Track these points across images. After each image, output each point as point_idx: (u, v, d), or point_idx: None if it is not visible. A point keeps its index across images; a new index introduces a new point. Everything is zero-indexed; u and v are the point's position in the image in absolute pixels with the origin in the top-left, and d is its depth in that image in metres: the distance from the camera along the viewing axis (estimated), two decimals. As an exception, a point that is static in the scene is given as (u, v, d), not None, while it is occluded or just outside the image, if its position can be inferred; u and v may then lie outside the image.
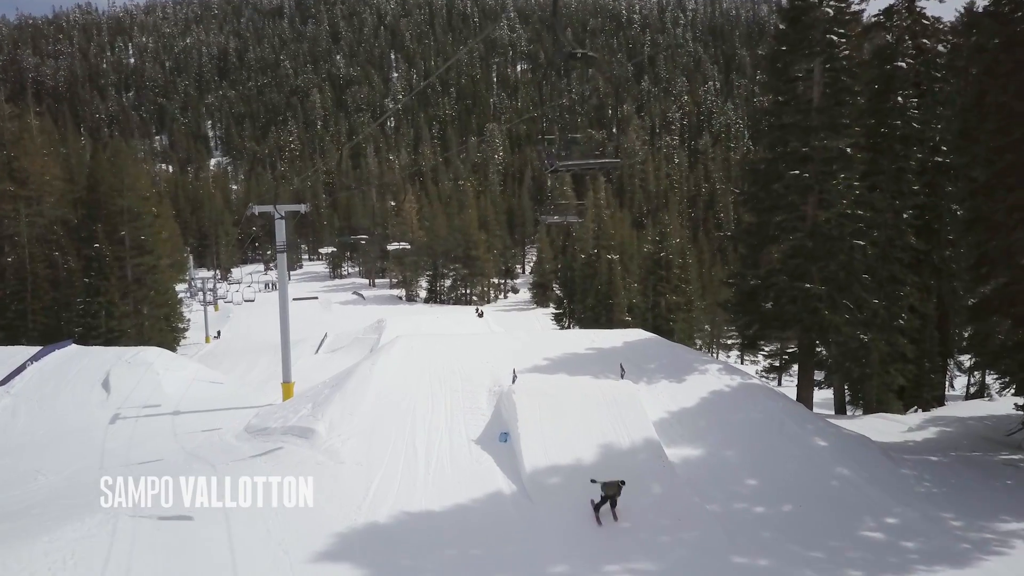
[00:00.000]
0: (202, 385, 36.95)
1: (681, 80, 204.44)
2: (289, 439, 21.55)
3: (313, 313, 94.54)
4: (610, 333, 30.00)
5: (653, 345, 27.87)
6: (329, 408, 22.42)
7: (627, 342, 28.01)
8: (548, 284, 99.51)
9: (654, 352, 26.79)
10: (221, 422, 29.31)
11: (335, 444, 20.35)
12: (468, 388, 23.31)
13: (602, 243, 75.39)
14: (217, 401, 34.27)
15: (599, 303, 67.86)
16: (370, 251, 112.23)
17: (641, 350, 26.90)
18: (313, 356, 68.41)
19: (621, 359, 24.63)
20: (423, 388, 23.32)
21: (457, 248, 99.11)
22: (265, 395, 38.18)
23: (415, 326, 69.80)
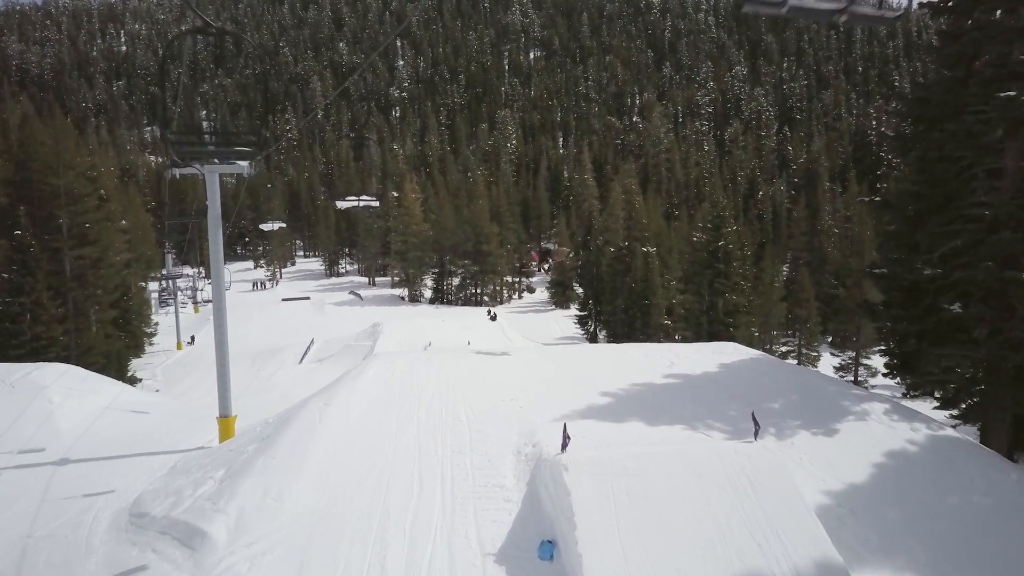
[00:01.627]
0: (118, 416, 27.78)
1: (706, 66, 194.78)
2: (164, 548, 12.44)
3: (303, 315, 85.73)
4: (691, 349, 20.79)
5: (767, 369, 18.61)
6: (243, 485, 13.32)
7: (724, 364, 18.79)
8: (568, 282, 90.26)
9: (772, 381, 17.56)
10: (123, 478, 20.16)
11: (237, 568, 11.26)
12: (482, 447, 14.21)
13: (634, 234, 66.14)
14: (132, 441, 25.10)
15: (633, 304, 58.64)
16: (369, 246, 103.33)
17: (751, 378, 17.67)
18: (296, 366, 59.46)
19: (724, 393, 15.52)
20: (406, 447, 14.28)
21: (466, 242, 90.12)
22: (210, 425, 28.72)
23: (415, 331, 60.71)
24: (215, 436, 24.12)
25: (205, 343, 73.82)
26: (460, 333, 59.59)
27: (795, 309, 63.67)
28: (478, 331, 60.78)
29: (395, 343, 59.25)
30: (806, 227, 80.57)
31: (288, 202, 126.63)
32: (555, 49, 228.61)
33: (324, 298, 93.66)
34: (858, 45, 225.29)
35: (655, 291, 57.73)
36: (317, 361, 59.80)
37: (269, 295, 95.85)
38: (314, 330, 78.20)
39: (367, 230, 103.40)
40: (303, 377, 58.08)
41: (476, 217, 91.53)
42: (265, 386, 56.50)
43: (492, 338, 59.85)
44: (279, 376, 58.04)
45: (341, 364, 59.08)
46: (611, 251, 66.93)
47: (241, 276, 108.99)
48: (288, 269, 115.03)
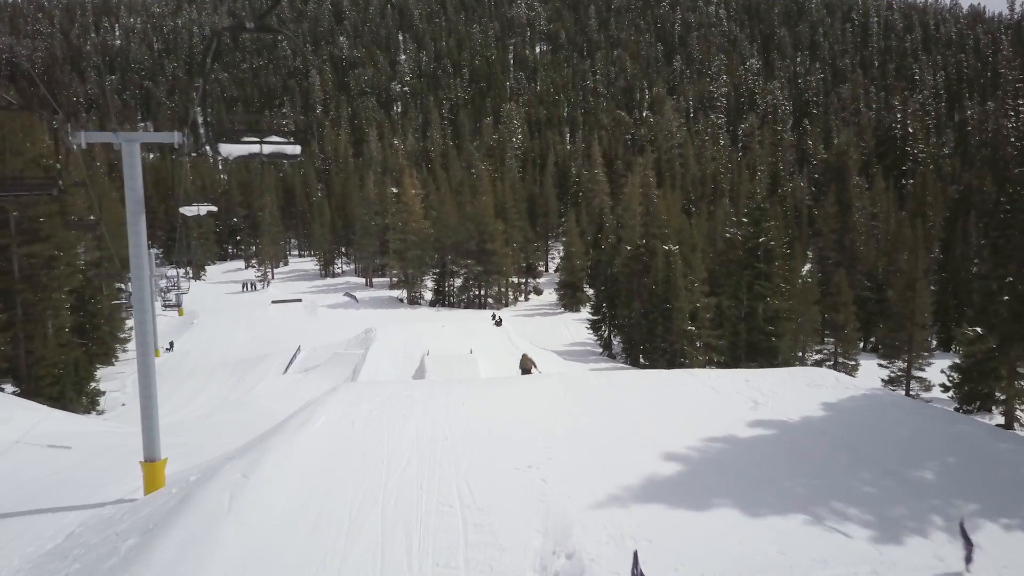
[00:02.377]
0: (28, 454, 22.43)
1: (718, 59, 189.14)
2: None
3: (294, 319, 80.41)
4: (775, 379, 15.28)
5: (890, 411, 13.07)
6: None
7: (827, 404, 13.33)
8: (579, 284, 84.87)
9: (907, 432, 12.07)
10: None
11: None
12: (484, 557, 8.76)
13: (653, 231, 60.68)
14: (36, 489, 19.68)
15: (653, 308, 53.20)
16: (365, 244, 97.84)
17: (872, 425, 12.19)
18: (280, 377, 54.12)
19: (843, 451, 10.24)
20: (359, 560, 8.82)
21: (469, 241, 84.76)
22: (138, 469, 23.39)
23: (412, 338, 55.27)
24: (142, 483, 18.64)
25: (185, 349, 68.54)
26: (461, 340, 54.21)
27: (830, 313, 58.21)
28: (481, 337, 55.39)
29: (389, 351, 53.91)
30: (835, 224, 75.00)
31: (282, 198, 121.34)
32: (562, 43, 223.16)
33: (317, 300, 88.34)
34: (874, 39, 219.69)
35: (678, 294, 52.29)
36: (303, 371, 54.51)
37: (259, 297, 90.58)
38: (305, 335, 72.94)
39: (364, 228, 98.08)
40: (286, 389, 52.78)
41: (480, 214, 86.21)
42: (244, 399, 51.22)
43: (497, 345, 54.45)
44: (261, 388, 52.80)
45: (329, 375, 53.72)
46: (627, 250, 61.53)
47: (231, 276, 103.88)
48: (281, 269, 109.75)
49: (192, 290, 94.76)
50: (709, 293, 56.26)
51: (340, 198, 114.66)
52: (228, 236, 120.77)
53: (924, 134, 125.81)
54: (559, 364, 56.78)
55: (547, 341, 70.20)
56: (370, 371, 50.07)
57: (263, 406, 48.44)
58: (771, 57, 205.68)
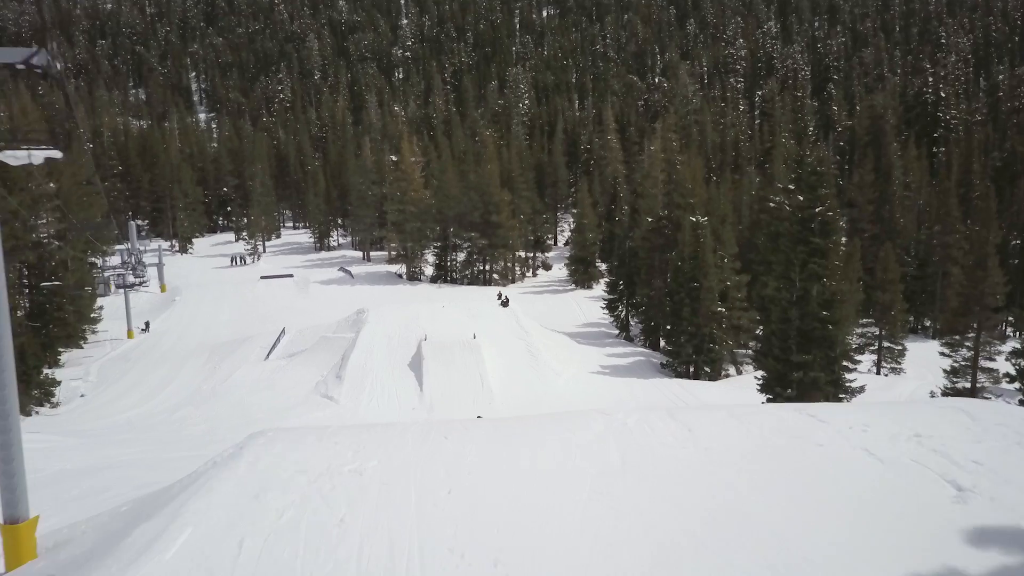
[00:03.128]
0: None
1: (734, 22, 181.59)
2: None
3: (284, 296, 75.04)
4: (931, 417, 9.66)
5: None
6: None
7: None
8: (590, 258, 79.23)
9: None
10: None
11: None
12: None
13: (677, 201, 54.97)
14: None
15: (679, 287, 47.63)
16: (362, 216, 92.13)
17: None
18: (261, 363, 48.86)
19: None
20: None
21: (473, 212, 79.06)
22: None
23: (408, 320, 49.76)
24: (1, 553, 13.00)
25: (163, 329, 63.21)
26: (463, 323, 48.79)
27: (874, 292, 52.68)
28: (485, 320, 49.94)
29: (382, 335, 48.47)
30: (871, 194, 69.01)
31: (275, 166, 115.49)
32: (570, 6, 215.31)
33: (310, 276, 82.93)
34: (896, 1, 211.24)
35: (707, 271, 46.72)
36: (287, 357, 49.16)
37: (248, 272, 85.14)
38: (294, 314, 67.57)
39: (360, 198, 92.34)
40: (266, 378, 47.44)
41: (484, 183, 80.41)
42: (219, 390, 45.93)
43: (504, 329, 49.02)
44: (239, 376, 47.52)
45: (314, 362, 48.35)
46: (648, 222, 55.81)
47: (220, 250, 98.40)
48: (273, 242, 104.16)
49: (177, 265, 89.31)
50: (739, 270, 50.75)
51: (336, 167, 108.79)
52: (218, 207, 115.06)
53: (956, 99, 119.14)
54: (572, 349, 51.34)
55: (558, 322, 64.73)
56: (360, 359, 44.71)
57: (237, 398, 43.26)
58: (789, 21, 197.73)
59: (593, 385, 43.42)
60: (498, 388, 41.52)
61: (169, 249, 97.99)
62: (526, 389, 41.90)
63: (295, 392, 42.35)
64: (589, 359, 49.40)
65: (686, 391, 42.38)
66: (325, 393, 41.50)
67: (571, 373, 45.12)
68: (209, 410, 40.32)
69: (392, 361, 44.47)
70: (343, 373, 43.25)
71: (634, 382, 44.96)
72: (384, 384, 42.07)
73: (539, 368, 44.56)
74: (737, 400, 38.75)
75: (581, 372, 45.96)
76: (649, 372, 48.27)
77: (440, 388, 41.25)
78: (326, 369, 45.02)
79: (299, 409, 39.16)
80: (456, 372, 42.48)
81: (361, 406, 39.72)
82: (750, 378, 48.17)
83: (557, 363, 45.95)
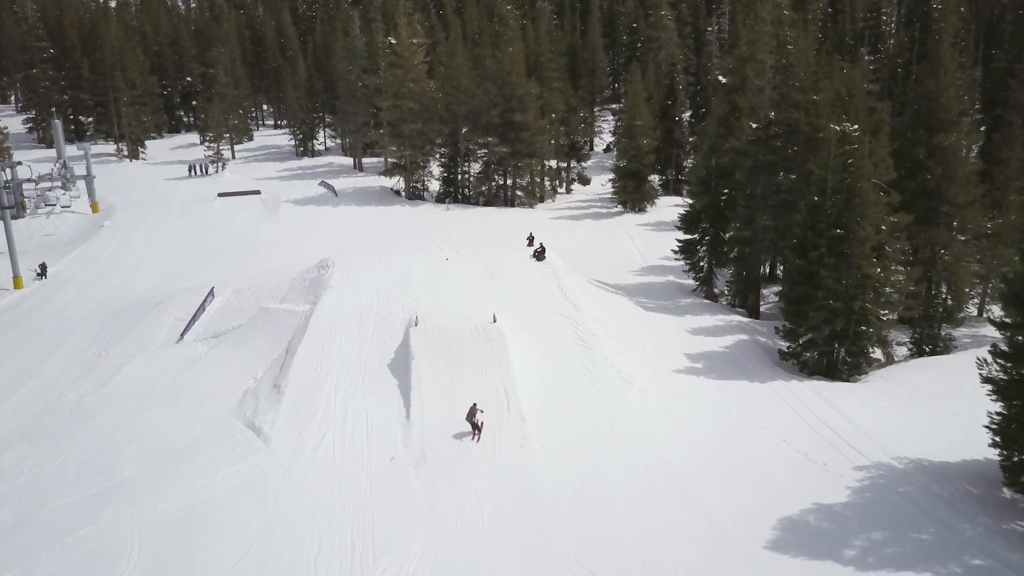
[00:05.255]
0: None
1: None
2: None
3: (244, 221, 58.86)
4: None
5: None
6: None
7: None
8: (644, 172, 61.94)
9: None
10: None
11: None
12: None
13: (794, 98, 37.64)
14: None
15: (815, 235, 30.88)
16: (352, 114, 74.67)
17: None
18: (171, 348, 33.19)
19: None
20: None
21: (491, 109, 61.77)
22: None
23: (391, 281, 33.59)
24: None
25: (67, 275, 47.13)
26: (476, 289, 32.62)
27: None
28: (510, 283, 33.75)
29: (351, 308, 31.99)
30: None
31: (250, 51, 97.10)
32: None
33: (283, 192, 66.34)
34: None
35: (864, 211, 30.05)
36: (210, 338, 33.24)
37: (207, 185, 68.73)
38: (254, 249, 51.63)
39: (349, 91, 74.69)
40: (168, 381, 31.19)
41: (505, 71, 62.60)
42: (88, 402, 29.85)
43: (540, 302, 32.83)
44: (130, 373, 31.50)
45: (246, 350, 32.34)
46: (751, 128, 38.53)
47: (180, 155, 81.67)
48: (245, 146, 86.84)
49: (121, 176, 72.83)
50: (897, 208, 33.89)
51: (322, 51, 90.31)
52: (181, 101, 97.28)
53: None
54: (641, 326, 35.09)
55: (607, 265, 48.40)
56: (312, 353, 28.68)
57: (108, 424, 27.00)
58: None
59: (686, 402, 27.58)
60: (534, 411, 25.91)
61: (115, 155, 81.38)
62: (580, 413, 26.23)
63: (205, 413, 26.83)
64: (667, 342, 33.28)
65: (847, 420, 26.52)
66: (251, 419, 25.90)
67: (647, 376, 29.15)
68: (49, 450, 24.90)
69: (363, 358, 28.62)
70: (284, 380, 27.53)
71: (746, 390, 29.07)
72: (348, 403, 26.40)
73: (598, 370, 28.59)
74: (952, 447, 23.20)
75: (661, 371, 29.97)
76: (760, 364, 32.17)
77: (438, 412, 25.62)
78: (261, 366, 29.30)
79: (199, 460, 23.76)
80: (465, 382, 26.73)
81: (306, 449, 24.22)
82: (910, 374, 32.24)
83: (624, 358, 29.90)
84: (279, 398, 26.68)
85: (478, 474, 22.96)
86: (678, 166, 69.28)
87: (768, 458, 24.16)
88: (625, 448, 24.38)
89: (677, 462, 23.79)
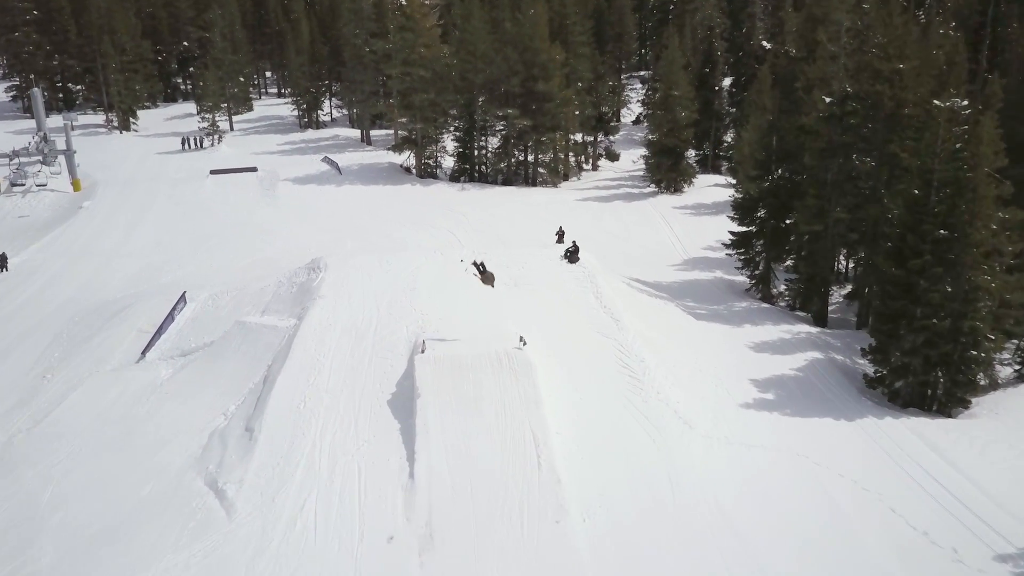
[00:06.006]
0: None
1: None
2: None
3: (238, 202, 53.47)
4: None
5: None
6: None
7: None
8: (682, 148, 55.85)
9: None
10: None
11: None
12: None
13: (876, 68, 31.55)
14: None
15: (918, 239, 25.02)
16: (360, 83, 68.72)
17: None
18: (128, 371, 27.80)
19: None
20: None
21: (511, 77, 55.90)
22: None
23: (395, 287, 27.76)
24: None
25: (31, 267, 41.76)
26: (495, 300, 26.92)
27: None
28: (538, 292, 28.14)
29: (344, 325, 25.97)
30: None
31: (251, 13, 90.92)
32: None
33: (283, 169, 60.65)
34: None
35: (980, 212, 24.25)
36: (179, 356, 27.86)
37: (201, 160, 63.31)
38: (247, 233, 46.32)
39: (356, 57, 68.65)
40: (118, 418, 25.75)
41: (527, 35, 56.48)
42: (15, 447, 25.01)
43: (572, 312, 27.29)
44: (71, 404, 25.64)
45: (217, 378, 26.97)
46: (825, 103, 32.45)
47: (175, 127, 76.04)
48: (245, 117, 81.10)
49: (110, 149, 67.49)
50: (1008, 201, 27.87)
51: (328, 13, 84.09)
52: (179, 67, 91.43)
53: None
54: (694, 346, 29.42)
55: (642, 258, 42.71)
56: (294, 388, 23.29)
57: (40, 475, 22.26)
58: None
59: (762, 451, 22.06)
60: (572, 470, 20.49)
61: (105, 126, 75.87)
62: (630, 470, 20.84)
63: (160, 462, 21.64)
64: (728, 363, 27.63)
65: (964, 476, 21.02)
66: (214, 476, 20.62)
67: (710, 415, 23.61)
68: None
69: (357, 392, 23.19)
70: (258, 422, 22.18)
71: (831, 432, 23.53)
72: (336, 455, 21.06)
73: (649, 409, 23.04)
74: None
75: (726, 406, 24.40)
76: (842, 393, 26.49)
77: (450, 469, 20.25)
78: (233, 398, 23.93)
79: (140, 540, 18.67)
80: (483, 427, 21.35)
81: (280, 524, 19.02)
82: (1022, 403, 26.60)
83: (680, 390, 24.35)
84: (251, 446, 21.34)
85: (501, 560, 17.68)
86: (717, 141, 63.07)
87: (876, 539, 18.67)
88: (690, 524, 18.95)
89: (760, 543, 18.37)
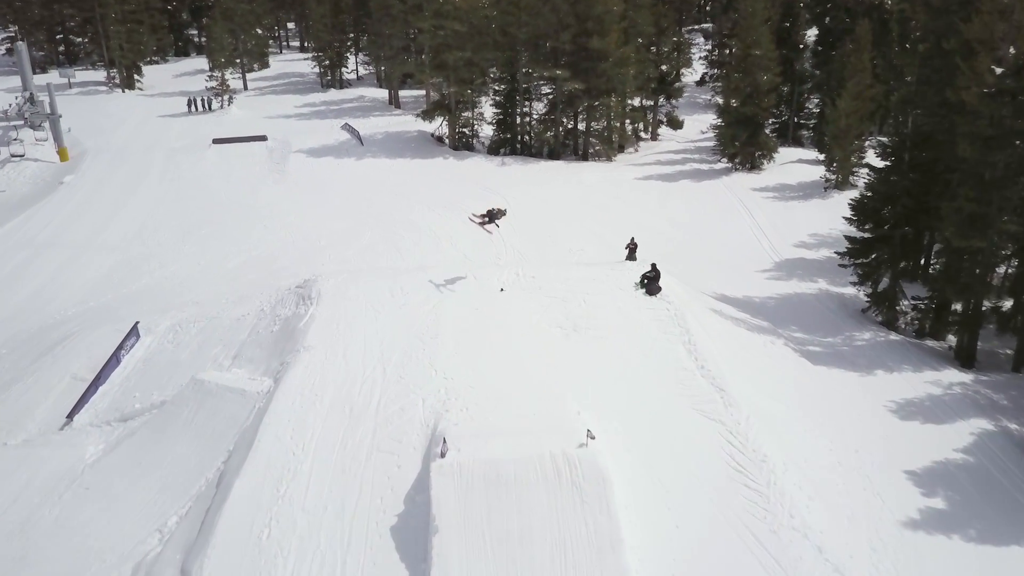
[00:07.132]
0: None
1: None
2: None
3: (241, 178, 46.48)
4: None
5: None
6: None
7: None
8: (761, 118, 47.25)
9: None
10: None
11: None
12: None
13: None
14: None
15: None
16: (388, 37, 60.74)
17: None
18: (44, 444, 20.57)
19: None
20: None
21: (560, 33, 47.67)
22: None
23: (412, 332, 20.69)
24: None
25: None
26: (549, 357, 19.31)
27: None
28: (606, 342, 20.54)
29: (334, 396, 19.22)
30: None
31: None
32: None
33: (297, 137, 53.11)
34: None
35: None
36: (117, 421, 20.83)
37: (208, 125, 56.12)
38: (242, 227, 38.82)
39: (383, 8, 60.53)
40: (17, 525, 16.46)
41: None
42: None
43: (654, 376, 19.58)
44: None
45: (162, 461, 20.24)
46: (996, 74, 24.04)
47: (183, 85, 68.77)
48: (260, 74, 73.52)
49: (109, 111, 60.53)
50: None
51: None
52: (192, 17, 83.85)
53: None
54: (810, 397, 21.63)
55: (725, 260, 34.69)
56: (255, 505, 16.08)
57: None
58: None
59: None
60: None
61: (106, 83, 68.85)
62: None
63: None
64: (867, 444, 19.84)
65: None
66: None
67: (865, 548, 16.01)
68: None
69: (347, 512, 15.88)
70: (203, 558, 15.05)
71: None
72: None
73: (782, 547, 15.47)
74: None
75: (883, 525, 16.78)
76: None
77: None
78: (176, 503, 16.97)
79: None
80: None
81: None
82: None
83: (820, 509, 16.71)
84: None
85: None
86: (799, 107, 54.36)
87: None
88: None
89: None
